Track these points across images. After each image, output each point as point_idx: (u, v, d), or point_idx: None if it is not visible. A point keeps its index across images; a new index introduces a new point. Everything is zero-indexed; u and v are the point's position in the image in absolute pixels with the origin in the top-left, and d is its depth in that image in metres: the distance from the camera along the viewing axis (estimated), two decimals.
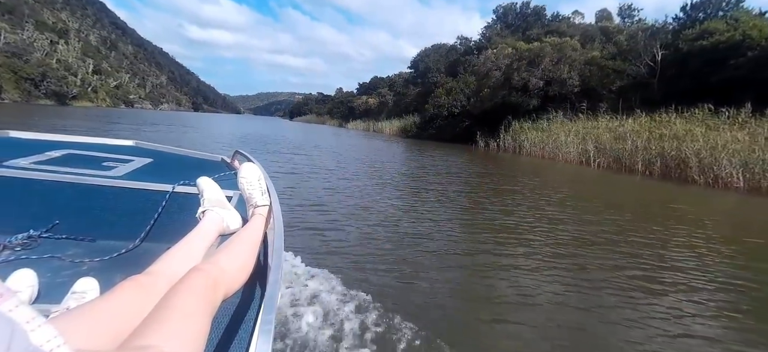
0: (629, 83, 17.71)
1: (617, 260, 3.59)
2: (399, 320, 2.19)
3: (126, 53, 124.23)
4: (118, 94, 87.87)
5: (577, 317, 2.47)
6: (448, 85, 29.42)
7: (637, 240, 4.24)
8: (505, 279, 3.02)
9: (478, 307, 2.54)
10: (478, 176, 9.52)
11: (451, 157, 14.43)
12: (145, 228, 1.22)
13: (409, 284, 2.80)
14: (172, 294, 0.66)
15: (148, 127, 20.71)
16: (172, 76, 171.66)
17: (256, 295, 0.89)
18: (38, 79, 52.13)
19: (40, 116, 21.47)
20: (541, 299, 2.68)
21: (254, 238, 1.01)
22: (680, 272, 3.33)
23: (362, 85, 75.15)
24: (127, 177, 1.61)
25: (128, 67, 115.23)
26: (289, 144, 16.24)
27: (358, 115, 56.25)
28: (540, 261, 3.42)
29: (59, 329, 0.41)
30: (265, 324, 0.66)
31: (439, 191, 6.92)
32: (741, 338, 2.32)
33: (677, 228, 4.91)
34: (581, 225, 4.83)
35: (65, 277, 0.98)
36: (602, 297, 2.78)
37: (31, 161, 1.61)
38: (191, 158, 2.25)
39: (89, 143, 2.24)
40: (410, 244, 3.73)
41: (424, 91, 42.09)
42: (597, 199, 7.15)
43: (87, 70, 77.91)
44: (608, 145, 11.73)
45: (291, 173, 7.91)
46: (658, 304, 2.71)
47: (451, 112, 28.16)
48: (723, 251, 4.01)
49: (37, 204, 1.32)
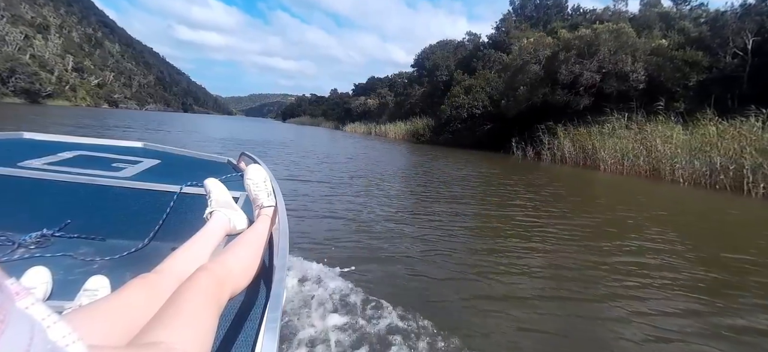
0: (711, 77, 14.13)
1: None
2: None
3: (112, 52, 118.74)
4: (100, 93, 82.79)
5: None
6: (466, 83, 25.73)
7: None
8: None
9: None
10: (585, 210, 5.72)
11: (496, 169, 10.70)
12: (154, 228, 1.29)
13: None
14: (180, 293, 0.67)
15: (116, 130, 16.65)
16: (161, 76, 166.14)
17: (262, 294, 0.90)
18: (5, 75, 47.43)
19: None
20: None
21: (260, 238, 1.02)
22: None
23: (358, 86, 71.29)
24: (136, 178, 1.59)
25: (114, 66, 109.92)
26: (297, 150, 12.35)
27: (356, 117, 52.40)
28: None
29: (72, 326, 0.43)
30: (271, 322, 0.66)
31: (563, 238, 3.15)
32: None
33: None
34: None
35: (77, 275, 1.03)
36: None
37: (44, 162, 1.61)
38: (198, 160, 2.26)
39: (99, 145, 2.24)
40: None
41: (431, 90, 38.42)
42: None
43: (66, 67, 72.98)
44: (748, 159, 8.00)
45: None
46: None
47: (471, 114, 24.48)
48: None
49: (50, 204, 1.35)
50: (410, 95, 40.97)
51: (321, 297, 2.21)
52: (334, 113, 68.41)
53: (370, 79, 67.47)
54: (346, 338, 1.87)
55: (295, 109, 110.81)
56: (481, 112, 24.34)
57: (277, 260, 0.89)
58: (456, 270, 2.94)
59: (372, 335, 1.92)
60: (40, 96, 53.48)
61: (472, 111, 24.52)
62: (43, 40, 72.75)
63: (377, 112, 48.91)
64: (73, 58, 79.77)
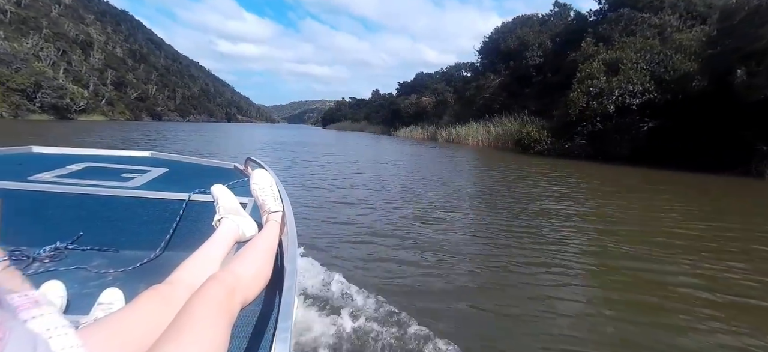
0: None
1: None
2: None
3: (157, 66, 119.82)
4: (141, 105, 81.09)
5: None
6: (608, 57, 16.07)
7: None
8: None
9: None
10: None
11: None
12: (165, 237, 1.30)
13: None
14: (191, 304, 0.66)
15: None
16: (205, 88, 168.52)
17: (275, 302, 0.87)
18: (30, 91, 44.13)
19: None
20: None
21: (269, 245, 1.00)
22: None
23: (404, 84, 62.62)
24: (145, 187, 1.58)
25: (158, 80, 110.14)
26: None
27: (408, 120, 43.69)
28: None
29: (86, 341, 0.44)
30: (282, 332, 0.64)
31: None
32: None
33: None
34: None
35: (92, 287, 1.02)
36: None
37: (54, 175, 1.61)
38: (204, 166, 2.25)
39: (108, 156, 2.24)
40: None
41: (513, 79, 28.89)
42: None
43: (104, 81, 71.21)
44: None
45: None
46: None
47: (623, 106, 14.88)
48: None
49: (62, 217, 1.34)
50: (482, 88, 31.58)
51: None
52: (379, 116, 60.19)
53: (419, 75, 58.65)
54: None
55: (334, 114, 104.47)
56: (641, 102, 14.64)
57: (287, 266, 0.87)
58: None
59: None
60: (70, 111, 50.23)
61: (624, 101, 14.87)
62: (83, 55, 71.53)
63: (435, 112, 39.96)
64: (114, 73, 78.53)
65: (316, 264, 2.91)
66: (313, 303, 2.31)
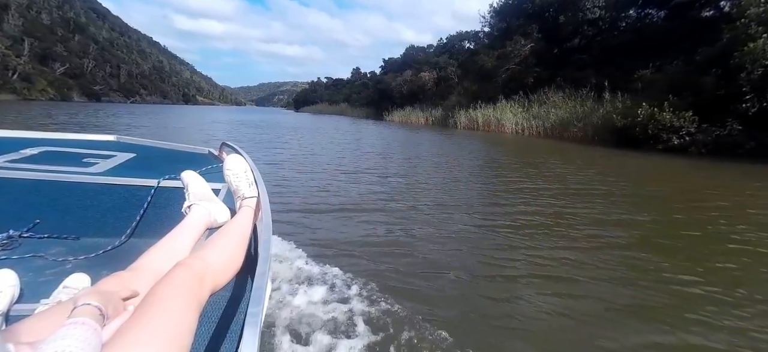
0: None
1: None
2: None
3: (96, 38, 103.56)
4: (71, 84, 67.79)
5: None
6: None
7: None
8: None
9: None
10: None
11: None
12: (131, 224, 1.22)
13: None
14: (156, 290, 0.64)
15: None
16: (159, 66, 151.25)
17: (246, 287, 0.86)
18: None
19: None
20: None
21: (242, 230, 0.96)
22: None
23: (391, 61, 54.10)
24: (110, 173, 1.48)
25: (98, 54, 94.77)
26: None
27: (400, 102, 35.60)
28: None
29: (40, 329, 0.40)
30: (252, 317, 0.63)
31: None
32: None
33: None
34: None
35: (49, 276, 0.97)
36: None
37: (6, 160, 1.48)
38: (176, 152, 2.11)
39: (67, 139, 2.07)
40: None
41: (551, 44, 21.59)
42: None
43: (20, 52, 57.77)
44: None
45: None
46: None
47: None
48: None
49: (16, 203, 1.26)
50: (507, 57, 24.01)
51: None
52: (362, 98, 51.52)
53: (410, 49, 50.24)
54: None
55: (309, 95, 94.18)
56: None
57: (260, 251, 0.85)
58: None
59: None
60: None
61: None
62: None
63: (438, 92, 32.15)
64: (36, 43, 64.65)
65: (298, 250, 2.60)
66: (289, 289, 2.09)
